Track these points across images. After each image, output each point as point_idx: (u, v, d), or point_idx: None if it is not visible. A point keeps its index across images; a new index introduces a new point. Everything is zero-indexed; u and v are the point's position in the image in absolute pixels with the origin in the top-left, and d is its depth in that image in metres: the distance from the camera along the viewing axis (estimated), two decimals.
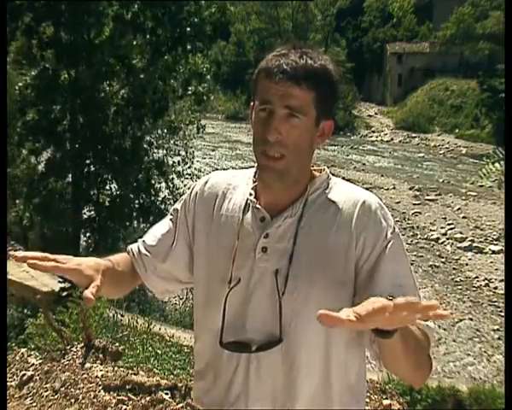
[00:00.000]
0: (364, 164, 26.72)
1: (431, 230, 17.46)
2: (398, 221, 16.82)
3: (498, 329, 10.97)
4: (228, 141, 31.45)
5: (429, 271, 14.01)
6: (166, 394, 3.50)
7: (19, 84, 11.50)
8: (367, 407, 4.45)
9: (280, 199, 1.24)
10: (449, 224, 17.72)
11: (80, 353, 4.02)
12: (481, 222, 18.01)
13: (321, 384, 1.21)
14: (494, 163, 5.94)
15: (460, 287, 13.34)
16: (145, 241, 1.41)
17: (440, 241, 16.49)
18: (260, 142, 1.19)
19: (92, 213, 13.20)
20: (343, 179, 1.32)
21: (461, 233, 16.74)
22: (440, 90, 38.11)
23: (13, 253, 1.11)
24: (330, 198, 1.24)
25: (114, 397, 3.45)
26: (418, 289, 1.22)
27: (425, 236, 16.95)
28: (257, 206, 1.25)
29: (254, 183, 1.29)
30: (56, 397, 3.49)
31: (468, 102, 35.14)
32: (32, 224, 12.44)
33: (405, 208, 19.42)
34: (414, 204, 20.05)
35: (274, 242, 1.22)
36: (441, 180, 23.63)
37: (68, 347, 4.12)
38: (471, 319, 11.66)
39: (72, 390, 3.52)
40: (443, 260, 14.97)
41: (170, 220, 1.39)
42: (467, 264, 14.78)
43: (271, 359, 1.20)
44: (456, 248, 15.95)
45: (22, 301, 7.13)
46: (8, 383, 3.59)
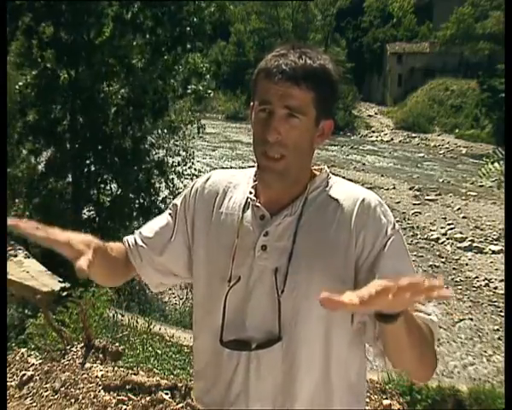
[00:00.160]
0: (364, 164, 26.69)
1: (431, 230, 17.44)
2: (398, 221, 16.45)
3: (498, 329, 10.96)
4: (228, 141, 31.43)
5: (429, 271, 13.99)
6: (166, 394, 3.51)
7: (19, 84, 11.49)
8: (367, 407, 4.45)
9: (280, 198, 1.24)
10: (449, 224, 17.71)
11: (80, 353, 4.02)
12: (481, 222, 18.00)
13: (321, 383, 1.20)
14: (493, 163, 5.95)
15: (460, 287, 13.33)
16: (142, 233, 1.40)
17: (440, 241, 16.47)
18: (260, 142, 1.19)
19: (92, 213, 13.18)
20: (343, 179, 1.32)
21: (461, 233, 16.72)
22: (440, 90, 38.10)
23: (9, 219, 1.09)
24: (330, 197, 1.24)
25: (114, 397, 3.45)
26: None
27: (425, 236, 16.93)
28: (257, 204, 1.26)
29: (255, 182, 1.29)
30: (56, 397, 3.49)
31: (468, 102, 35.13)
32: None
33: (405, 208, 19.40)
34: (414, 204, 20.02)
35: (274, 240, 1.22)
36: (441, 180, 23.61)
37: (68, 347, 4.13)
38: (471, 319, 11.65)
39: (72, 390, 3.52)
40: (443, 260, 14.95)
41: (169, 215, 1.38)
42: (467, 264, 14.76)
43: (271, 357, 1.20)
44: (456, 248, 15.93)
45: (22, 301, 7.12)
46: (8, 383, 3.59)
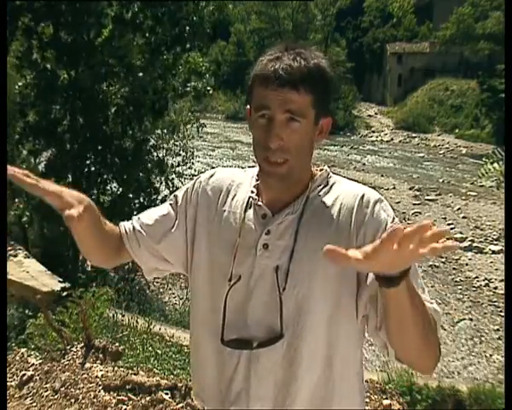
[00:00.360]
0: (364, 164, 26.70)
1: None
2: None
3: (498, 329, 10.96)
4: (228, 141, 31.43)
5: (429, 271, 13.99)
6: (166, 394, 3.51)
7: (18, 84, 11.48)
8: (367, 407, 4.45)
9: (281, 197, 1.25)
10: (449, 224, 17.70)
11: (80, 353, 4.02)
12: (481, 222, 18.00)
13: (321, 382, 1.20)
14: (493, 163, 5.96)
15: (460, 287, 13.33)
16: (141, 219, 1.38)
17: (440, 241, 16.45)
18: (262, 149, 1.19)
19: None
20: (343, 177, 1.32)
21: (461, 233, 16.71)
22: (440, 90, 38.11)
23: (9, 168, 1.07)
24: (331, 195, 1.24)
25: (114, 397, 3.45)
26: (422, 278, 1.20)
27: None
28: (258, 203, 1.26)
29: (257, 181, 1.30)
30: (56, 397, 3.49)
31: (468, 102, 35.13)
32: (32, 224, 12.40)
33: (405, 208, 19.40)
34: (414, 204, 20.02)
35: (275, 238, 1.22)
36: (441, 180, 23.61)
37: (68, 347, 4.13)
38: (471, 319, 11.65)
39: (72, 390, 3.52)
40: (443, 260, 14.94)
41: (169, 205, 1.37)
42: (467, 264, 14.76)
43: (272, 355, 1.20)
44: None
45: (22, 301, 7.12)
46: (8, 383, 3.59)
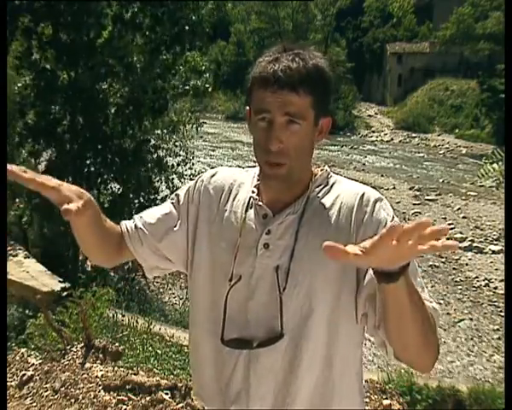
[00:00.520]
0: (364, 164, 26.69)
1: None
2: None
3: (498, 329, 10.96)
4: (228, 141, 31.43)
5: (429, 271, 13.99)
6: (166, 394, 3.50)
7: (18, 84, 11.48)
8: (367, 407, 4.45)
9: (282, 197, 1.25)
10: (449, 224, 17.69)
11: (80, 353, 4.02)
12: (481, 222, 17.99)
13: (321, 382, 1.20)
14: (492, 164, 5.95)
15: (460, 287, 13.32)
16: (143, 217, 1.38)
17: (440, 241, 16.45)
18: (263, 152, 1.19)
19: None
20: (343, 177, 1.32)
21: (461, 233, 16.70)
22: (440, 90, 38.11)
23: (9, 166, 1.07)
24: (331, 194, 1.24)
25: (114, 397, 3.45)
26: (422, 277, 1.19)
27: None
28: (259, 203, 1.26)
29: (258, 181, 1.30)
30: (56, 397, 3.49)
31: (468, 102, 35.14)
32: (32, 224, 12.40)
33: (405, 208, 19.39)
34: (414, 204, 20.02)
35: (276, 238, 1.22)
36: (441, 180, 23.60)
37: (68, 347, 4.12)
38: (471, 319, 11.65)
39: (72, 390, 3.52)
40: (443, 260, 14.94)
41: (171, 204, 1.37)
42: (467, 264, 14.75)
43: (272, 355, 1.20)
44: None
45: (22, 301, 7.12)
46: (8, 383, 3.59)
